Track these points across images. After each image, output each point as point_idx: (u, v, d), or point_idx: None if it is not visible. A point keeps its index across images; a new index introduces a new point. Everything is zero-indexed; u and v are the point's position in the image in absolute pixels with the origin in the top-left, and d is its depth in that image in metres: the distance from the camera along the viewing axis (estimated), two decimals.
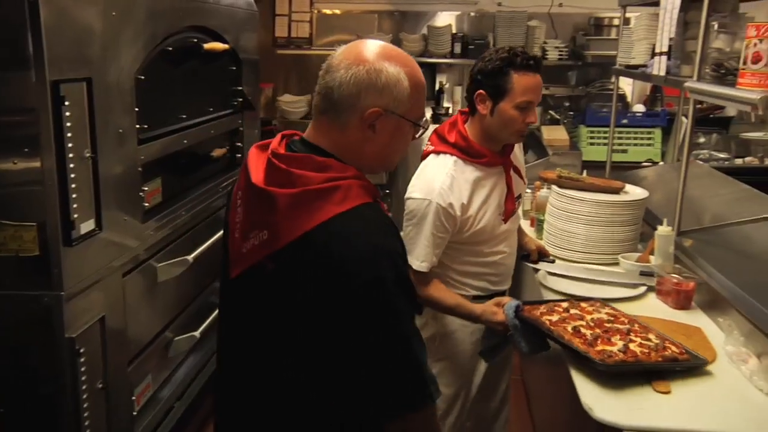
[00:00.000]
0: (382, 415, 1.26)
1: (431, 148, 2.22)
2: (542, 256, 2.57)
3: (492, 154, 2.17)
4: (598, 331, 1.87)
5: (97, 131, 1.76)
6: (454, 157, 2.14)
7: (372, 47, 1.34)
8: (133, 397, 2.08)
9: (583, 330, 1.87)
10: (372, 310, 1.22)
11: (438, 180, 2.09)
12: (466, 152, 2.15)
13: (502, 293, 2.30)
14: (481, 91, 2.11)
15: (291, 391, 1.31)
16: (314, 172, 1.27)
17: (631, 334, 1.87)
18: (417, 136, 1.41)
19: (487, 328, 2.14)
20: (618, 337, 1.84)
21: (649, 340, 1.84)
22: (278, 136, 1.40)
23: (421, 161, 2.24)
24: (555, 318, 1.95)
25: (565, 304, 2.06)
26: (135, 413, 2.10)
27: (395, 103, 1.32)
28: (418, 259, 2.07)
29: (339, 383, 1.26)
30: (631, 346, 1.79)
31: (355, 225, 1.25)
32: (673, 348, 1.80)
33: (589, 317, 1.97)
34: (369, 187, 1.33)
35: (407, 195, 2.15)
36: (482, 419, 2.44)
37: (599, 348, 1.77)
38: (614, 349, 1.77)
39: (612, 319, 1.97)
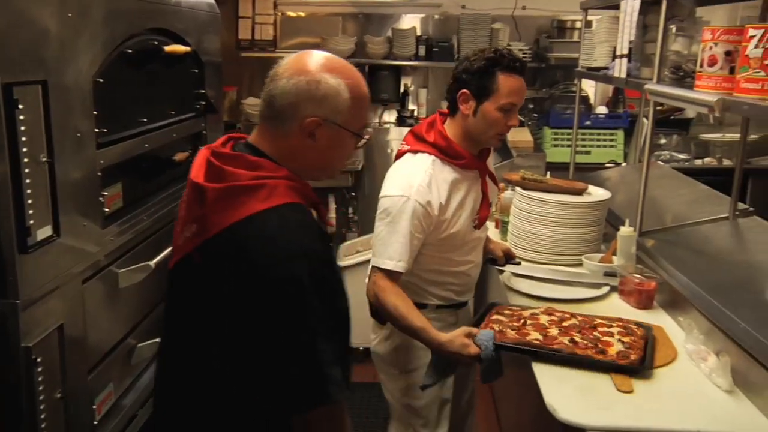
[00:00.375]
0: (285, 409, 1.31)
1: (407, 147, 2.18)
2: (509, 258, 2.58)
3: (471, 157, 2.14)
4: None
5: (53, 135, 1.72)
6: (432, 157, 2.10)
7: (316, 59, 1.40)
8: (94, 406, 2.03)
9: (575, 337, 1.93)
10: (281, 308, 1.27)
11: (416, 177, 2.05)
12: (446, 152, 2.11)
13: (464, 304, 2.30)
14: (464, 90, 2.07)
15: (217, 381, 1.37)
16: (245, 170, 1.34)
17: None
18: (359, 146, 1.47)
19: (436, 358, 2.02)
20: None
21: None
22: (224, 138, 1.49)
23: (395, 160, 2.21)
24: (532, 331, 1.98)
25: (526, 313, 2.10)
26: (96, 422, 2.05)
27: (334, 113, 1.38)
28: (393, 258, 2.00)
29: (256, 376, 1.31)
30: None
31: (276, 223, 1.30)
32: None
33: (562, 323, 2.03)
34: (300, 189, 1.38)
35: (382, 193, 2.11)
36: (451, 424, 2.44)
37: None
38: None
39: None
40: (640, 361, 1.80)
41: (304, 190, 1.40)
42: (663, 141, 4.98)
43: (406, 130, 5.17)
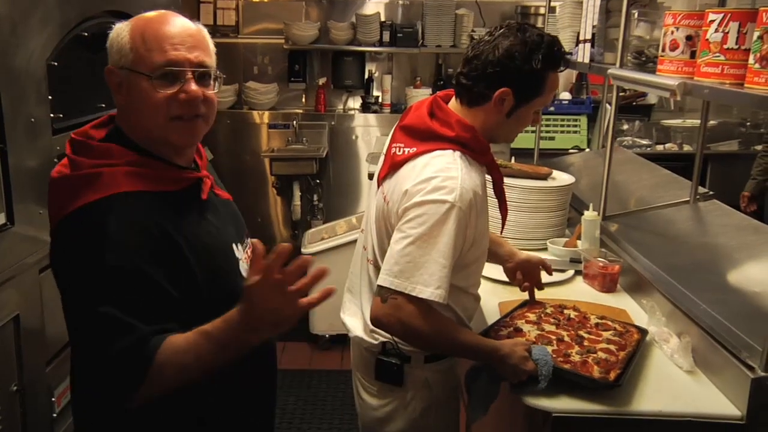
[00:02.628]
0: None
1: (411, 150, 1.68)
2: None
3: (493, 160, 1.79)
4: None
5: (5, 121, 1.67)
6: (458, 152, 1.65)
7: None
8: (53, 399, 2.00)
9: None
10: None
11: (454, 177, 1.59)
12: (472, 147, 1.68)
13: None
14: (506, 89, 1.64)
15: (74, 364, 1.38)
16: (86, 158, 1.30)
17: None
18: (161, 92, 1.29)
19: (476, 385, 1.72)
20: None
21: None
22: (105, 117, 1.43)
23: (393, 170, 1.71)
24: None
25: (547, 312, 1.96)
26: (55, 415, 2.01)
27: (118, 57, 1.31)
28: (430, 285, 1.55)
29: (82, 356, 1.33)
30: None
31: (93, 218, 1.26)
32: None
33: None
34: (146, 174, 1.31)
35: (414, 193, 1.60)
36: None
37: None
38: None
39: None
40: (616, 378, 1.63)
41: (155, 173, 1.32)
42: (626, 127, 5.04)
43: (371, 116, 5.24)
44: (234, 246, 1.47)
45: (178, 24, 1.34)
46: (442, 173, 1.59)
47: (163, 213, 1.30)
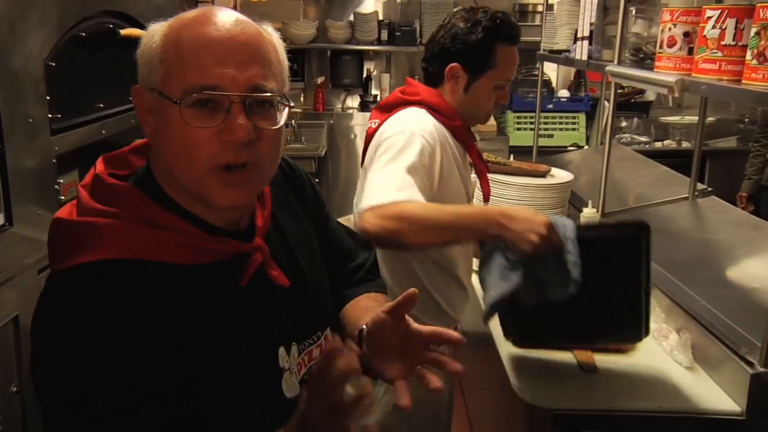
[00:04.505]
0: None
1: (382, 120, 1.77)
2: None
3: (464, 124, 1.80)
4: None
5: (3, 121, 1.67)
6: (424, 110, 1.74)
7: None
8: None
9: None
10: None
11: (419, 122, 1.68)
12: (438, 110, 1.74)
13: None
14: (455, 64, 1.75)
15: None
16: (93, 200, 0.94)
17: None
18: (195, 127, 0.89)
19: (487, 253, 1.51)
20: None
21: None
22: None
23: (368, 142, 1.78)
24: None
25: None
26: None
27: (147, 72, 0.93)
28: (394, 188, 1.52)
29: None
30: None
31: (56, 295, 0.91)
32: None
33: None
34: (144, 235, 0.90)
35: (382, 135, 1.69)
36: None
37: None
38: None
39: None
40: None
41: (172, 238, 0.92)
42: (624, 124, 5.04)
43: (369, 115, 5.19)
44: (282, 350, 1.03)
45: (228, 25, 0.91)
46: (406, 119, 1.70)
47: (167, 300, 0.90)
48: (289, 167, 1.20)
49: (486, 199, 1.96)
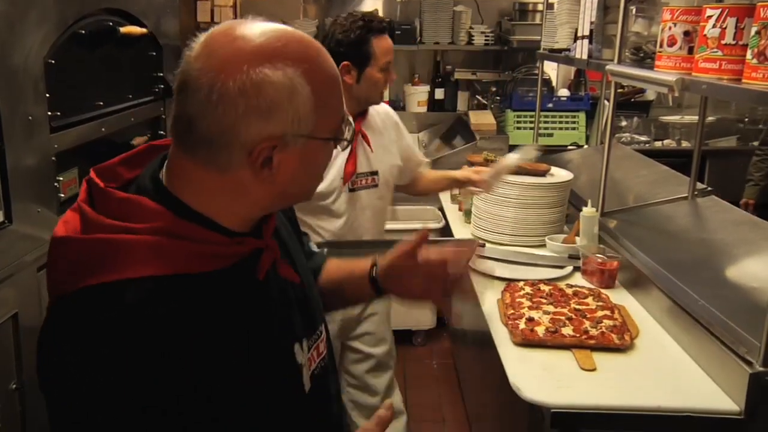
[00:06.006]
0: None
1: None
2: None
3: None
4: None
5: (2, 119, 1.67)
6: None
7: (242, 43, 0.90)
8: None
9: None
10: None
11: None
12: None
13: None
14: (345, 62, 2.18)
15: None
16: (106, 216, 0.90)
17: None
18: (343, 148, 1.10)
19: None
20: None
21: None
22: (145, 146, 1.04)
23: None
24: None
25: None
26: None
27: (294, 124, 0.90)
28: None
29: None
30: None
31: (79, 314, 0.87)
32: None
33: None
34: (175, 249, 0.89)
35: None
36: None
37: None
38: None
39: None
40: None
41: (189, 248, 0.90)
42: (624, 123, 5.03)
43: None
44: (296, 346, 1.04)
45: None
46: None
47: (201, 311, 0.90)
48: None
49: (345, 181, 2.29)
